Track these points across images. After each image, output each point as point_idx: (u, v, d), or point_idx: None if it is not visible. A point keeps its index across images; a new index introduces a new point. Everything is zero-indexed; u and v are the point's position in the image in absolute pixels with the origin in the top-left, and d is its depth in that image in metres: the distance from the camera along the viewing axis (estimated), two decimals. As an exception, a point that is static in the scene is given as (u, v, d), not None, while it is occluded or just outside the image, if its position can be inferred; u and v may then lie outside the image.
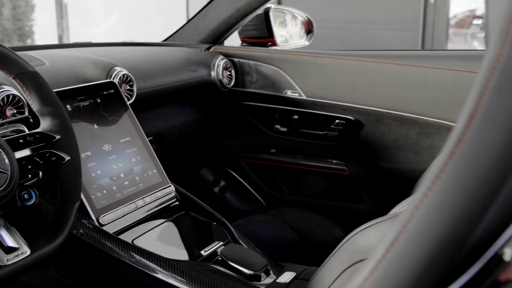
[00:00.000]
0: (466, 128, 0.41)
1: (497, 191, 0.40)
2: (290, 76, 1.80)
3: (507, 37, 0.41)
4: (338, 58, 1.75)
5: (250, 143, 1.97)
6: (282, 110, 1.83)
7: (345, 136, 1.76)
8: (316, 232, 1.71)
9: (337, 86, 1.74)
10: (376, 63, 1.68)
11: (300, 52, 1.85)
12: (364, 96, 1.70)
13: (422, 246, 0.40)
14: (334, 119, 1.76)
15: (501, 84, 0.41)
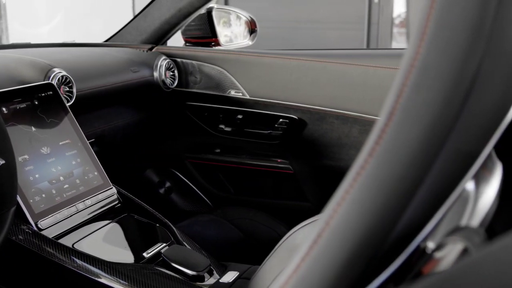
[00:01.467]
0: (385, 126, 0.42)
1: (417, 186, 0.41)
2: (234, 76, 1.80)
3: (424, 36, 0.42)
4: (281, 57, 1.76)
5: (195, 143, 1.96)
6: (226, 110, 1.83)
7: (289, 135, 1.78)
8: (261, 230, 1.72)
9: (280, 85, 1.75)
10: (318, 62, 1.70)
11: (243, 52, 1.85)
12: (306, 95, 1.72)
13: (344, 243, 0.40)
14: (278, 118, 1.77)
15: (419, 81, 0.42)
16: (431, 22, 0.42)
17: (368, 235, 0.40)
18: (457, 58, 0.41)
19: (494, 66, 0.43)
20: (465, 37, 0.42)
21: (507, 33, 0.44)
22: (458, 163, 0.44)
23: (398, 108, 0.42)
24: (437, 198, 0.43)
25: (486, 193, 0.52)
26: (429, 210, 0.43)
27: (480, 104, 0.43)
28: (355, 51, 1.85)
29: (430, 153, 0.41)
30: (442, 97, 0.41)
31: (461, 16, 0.42)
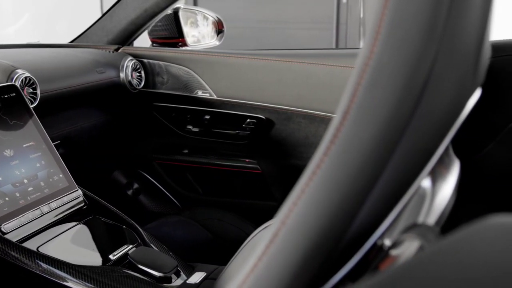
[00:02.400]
0: (340, 125, 0.42)
1: (372, 184, 0.42)
2: (201, 76, 1.79)
3: (378, 35, 0.43)
4: (248, 57, 1.76)
5: (162, 144, 1.96)
6: (194, 110, 1.83)
7: (256, 135, 1.78)
8: (229, 231, 1.72)
9: (247, 85, 1.75)
10: (284, 62, 1.71)
11: (209, 52, 1.85)
12: (273, 95, 1.72)
13: (300, 241, 0.41)
14: (245, 118, 1.77)
15: (373, 80, 0.42)
16: (384, 22, 0.43)
17: (324, 234, 0.40)
18: (411, 57, 0.42)
19: (447, 65, 0.44)
20: (418, 36, 0.42)
21: (460, 32, 0.45)
22: (413, 161, 0.44)
23: (353, 107, 0.42)
24: (393, 196, 0.44)
25: (442, 190, 0.53)
26: (385, 208, 0.43)
27: (434, 102, 0.44)
28: (322, 51, 1.87)
29: (385, 151, 0.41)
30: (396, 96, 0.41)
31: (414, 15, 0.42)
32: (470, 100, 0.51)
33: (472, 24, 0.46)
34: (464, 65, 0.47)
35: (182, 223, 1.73)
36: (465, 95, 0.49)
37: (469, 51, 0.47)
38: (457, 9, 0.44)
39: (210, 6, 6.55)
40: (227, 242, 1.67)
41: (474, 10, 0.46)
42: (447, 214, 0.53)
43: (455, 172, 0.57)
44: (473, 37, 0.47)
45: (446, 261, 0.34)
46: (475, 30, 0.47)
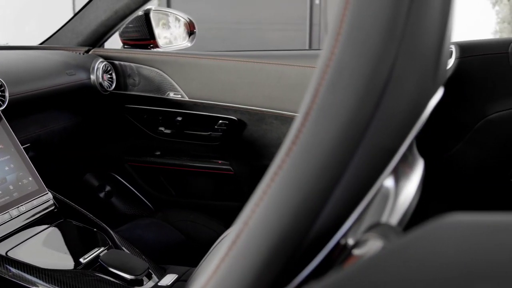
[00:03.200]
0: (302, 125, 0.42)
1: (334, 184, 0.42)
2: (172, 78, 1.79)
3: (339, 36, 0.43)
4: (219, 59, 1.76)
5: (135, 146, 1.95)
6: (166, 112, 1.82)
7: (228, 136, 1.78)
8: (202, 232, 1.72)
9: (218, 86, 1.75)
10: (256, 63, 1.71)
11: (181, 53, 1.85)
12: (245, 96, 1.73)
13: (263, 242, 0.41)
14: (217, 120, 1.77)
15: (334, 81, 0.43)
16: (345, 23, 0.43)
17: (286, 234, 0.41)
18: (371, 58, 0.42)
19: (408, 65, 0.45)
20: (378, 37, 0.43)
21: (420, 33, 0.46)
22: (375, 161, 0.45)
23: (314, 108, 0.42)
24: (355, 195, 0.44)
25: (406, 189, 0.54)
26: (348, 207, 0.44)
27: (395, 102, 0.44)
28: (294, 52, 1.88)
29: (346, 151, 0.42)
30: (357, 97, 0.42)
31: (374, 16, 0.43)
32: (432, 101, 0.52)
33: (432, 25, 0.47)
34: (424, 66, 0.47)
35: (155, 225, 1.72)
36: (426, 95, 0.49)
37: (429, 52, 0.47)
38: (417, 10, 0.44)
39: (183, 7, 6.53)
40: (200, 244, 1.67)
41: (433, 11, 0.47)
42: (411, 212, 0.54)
43: (419, 171, 0.58)
44: (433, 38, 0.48)
45: (402, 260, 0.35)
46: (435, 31, 0.48)
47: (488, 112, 1.67)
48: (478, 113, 1.68)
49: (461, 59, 1.65)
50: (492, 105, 1.66)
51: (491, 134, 1.69)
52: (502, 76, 1.64)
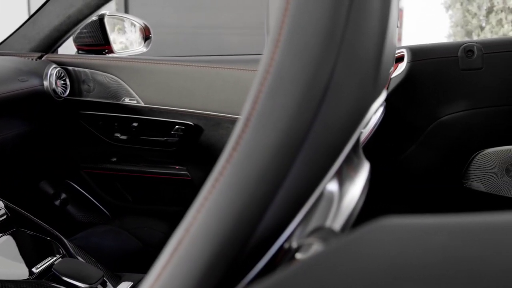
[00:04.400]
0: (242, 132, 0.43)
1: (275, 190, 0.43)
2: (127, 84, 1.78)
3: (279, 43, 0.44)
4: (175, 64, 1.76)
5: (90, 153, 1.92)
6: (121, 118, 1.81)
7: (185, 141, 1.77)
8: (160, 239, 1.71)
9: (174, 92, 1.74)
10: (212, 68, 1.71)
11: (136, 59, 1.83)
12: (202, 101, 1.72)
13: (204, 248, 0.41)
14: (174, 125, 1.77)
15: (274, 87, 0.43)
16: (284, 30, 0.43)
17: (228, 240, 0.41)
18: (311, 64, 0.43)
19: (348, 71, 0.46)
20: (318, 43, 0.43)
21: (359, 39, 0.47)
22: (317, 165, 0.45)
23: (254, 114, 0.43)
24: (298, 200, 0.45)
25: (350, 192, 0.54)
26: (290, 211, 0.44)
27: (335, 108, 0.45)
28: (249, 56, 1.88)
29: (286, 157, 0.42)
30: (296, 103, 0.42)
31: (313, 23, 0.43)
32: (373, 105, 0.53)
33: (371, 31, 0.48)
34: (364, 71, 0.48)
35: (111, 232, 1.70)
36: (367, 100, 0.50)
37: (369, 58, 0.48)
38: (355, 17, 0.45)
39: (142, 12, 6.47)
40: (157, 250, 1.65)
41: (372, 17, 0.48)
42: (356, 215, 0.55)
43: (364, 175, 0.58)
44: (372, 44, 0.48)
45: (336, 262, 0.35)
46: (374, 37, 0.49)
47: (440, 114, 1.70)
48: (430, 115, 1.71)
49: (412, 63, 1.68)
50: (444, 107, 1.70)
51: (443, 136, 1.72)
52: (452, 79, 1.68)
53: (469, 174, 1.74)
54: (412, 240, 0.36)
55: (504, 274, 0.31)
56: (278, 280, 0.36)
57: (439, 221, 0.38)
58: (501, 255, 0.33)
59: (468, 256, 0.33)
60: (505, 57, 1.65)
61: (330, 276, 0.34)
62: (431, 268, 0.32)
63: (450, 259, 0.33)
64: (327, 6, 0.43)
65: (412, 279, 0.32)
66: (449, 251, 0.34)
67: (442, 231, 0.36)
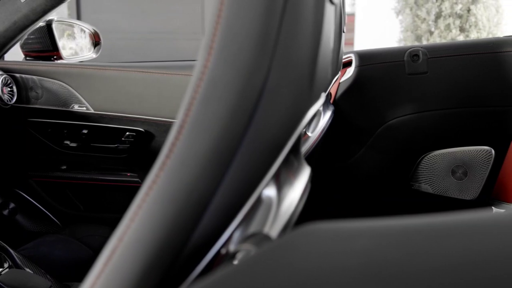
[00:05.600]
0: (176, 139, 0.43)
1: (209, 197, 0.43)
2: (76, 90, 1.75)
3: (212, 50, 0.44)
4: (125, 70, 1.74)
5: (39, 161, 1.89)
6: (70, 125, 1.78)
7: (136, 148, 1.76)
8: (111, 247, 1.69)
9: (125, 98, 1.73)
10: (163, 74, 1.71)
11: (85, 65, 1.81)
12: (153, 107, 1.71)
13: (138, 257, 0.41)
14: (124, 132, 1.75)
15: (207, 94, 0.43)
16: (217, 37, 0.44)
17: (161, 248, 0.41)
18: (243, 71, 0.43)
19: (282, 77, 0.46)
20: (250, 50, 0.44)
21: (293, 47, 0.47)
22: (252, 171, 0.46)
23: (188, 122, 0.43)
24: (233, 206, 0.45)
25: (289, 197, 0.55)
26: (226, 217, 0.45)
27: (270, 113, 0.46)
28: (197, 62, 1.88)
29: (220, 164, 0.43)
30: (229, 110, 0.43)
31: (245, 29, 0.44)
32: (310, 110, 0.54)
33: (305, 38, 0.49)
34: (299, 78, 0.49)
35: (62, 241, 1.67)
36: (303, 105, 0.51)
37: (303, 64, 0.49)
38: (288, 24, 0.46)
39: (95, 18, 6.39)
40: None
41: (305, 24, 0.49)
42: (295, 219, 0.55)
43: (303, 179, 0.59)
44: (306, 50, 0.49)
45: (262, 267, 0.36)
46: (308, 43, 0.49)
47: (387, 118, 1.73)
48: (378, 119, 1.74)
49: (360, 68, 1.71)
50: (391, 111, 1.73)
51: (391, 139, 1.76)
52: (399, 83, 1.72)
53: (417, 176, 1.78)
54: (335, 244, 0.37)
55: (422, 275, 0.32)
56: (211, 282, 0.36)
57: (362, 225, 0.38)
58: (420, 257, 0.34)
59: (389, 258, 0.34)
60: (449, 61, 1.70)
61: (252, 282, 0.34)
62: (352, 272, 0.33)
63: (371, 262, 0.34)
64: (260, 13, 0.44)
65: (332, 283, 0.32)
66: (371, 254, 0.34)
67: (364, 235, 0.37)
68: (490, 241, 0.35)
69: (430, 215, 0.39)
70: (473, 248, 0.35)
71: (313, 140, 1.25)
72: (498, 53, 1.69)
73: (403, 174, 1.79)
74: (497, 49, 1.69)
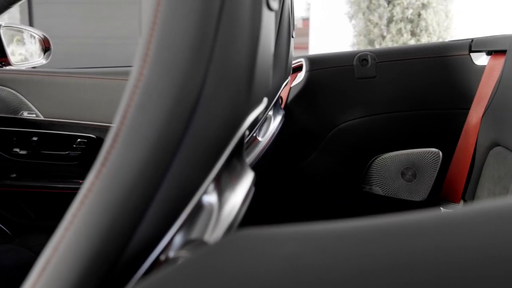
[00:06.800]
0: (111, 147, 0.43)
1: (146, 205, 0.43)
2: (25, 97, 1.72)
3: (147, 57, 0.44)
4: (75, 76, 1.72)
5: (-13, 169, 1.85)
6: (20, 132, 1.75)
7: (88, 154, 1.74)
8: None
9: (76, 104, 1.71)
10: (114, 80, 1.69)
11: (35, 71, 1.78)
12: (104, 114, 1.70)
13: (73, 267, 0.41)
14: (76, 138, 1.73)
15: (143, 102, 0.43)
16: (153, 44, 0.44)
17: (97, 256, 0.41)
18: (179, 78, 0.44)
19: (219, 85, 0.47)
20: (186, 57, 0.44)
21: (230, 54, 0.48)
22: (190, 178, 0.46)
23: (123, 129, 0.43)
24: (171, 213, 0.45)
25: (231, 201, 0.56)
26: (164, 224, 0.45)
27: (206, 121, 0.46)
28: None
29: (156, 171, 0.43)
30: (165, 117, 0.43)
31: (180, 36, 0.44)
32: (250, 115, 0.55)
33: (242, 44, 0.49)
34: (236, 85, 0.49)
35: (11, 251, 1.64)
36: (242, 111, 0.52)
37: (240, 70, 0.50)
38: (224, 31, 0.46)
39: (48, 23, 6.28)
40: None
41: (242, 31, 0.49)
42: (238, 223, 0.56)
43: (246, 183, 0.60)
44: (243, 57, 0.50)
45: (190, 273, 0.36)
46: (245, 50, 0.50)
47: (338, 121, 1.76)
48: (329, 122, 1.77)
49: (311, 72, 1.73)
50: (342, 115, 1.76)
51: (342, 143, 1.78)
52: (349, 88, 1.75)
53: (368, 179, 1.81)
54: (264, 249, 0.37)
55: (345, 280, 0.33)
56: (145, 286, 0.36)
57: (293, 230, 0.39)
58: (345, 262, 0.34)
59: (314, 263, 0.35)
60: (397, 65, 1.73)
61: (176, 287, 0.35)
62: (276, 277, 0.34)
63: (295, 267, 0.34)
64: (195, 20, 0.44)
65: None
66: (296, 259, 0.35)
67: (293, 240, 0.38)
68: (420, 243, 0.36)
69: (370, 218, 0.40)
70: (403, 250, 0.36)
71: (263, 144, 1.26)
72: (444, 57, 1.73)
73: (354, 176, 1.81)
74: (443, 53, 1.74)
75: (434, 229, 0.37)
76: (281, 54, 1.21)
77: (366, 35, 8.21)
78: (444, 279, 0.32)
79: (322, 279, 0.33)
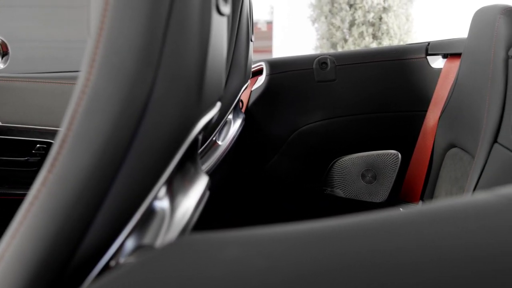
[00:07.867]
0: (58, 154, 0.43)
1: (93, 211, 0.43)
2: None
3: (94, 63, 0.44)
4: (33, 81, 1.70)
5: None
6: (-23, 138, 1.72)
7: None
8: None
9: (35, 109, 1.69)
10: (73, 85, 1.67)
11: (-9, 77, 1.75)
12: (63, 119, 1.68)
13: (19, 275, 0.40)
14: (35, 144, 1.70)
15: (90, 107, 0.43)
16: (100, 49, 0.44)
17: (44, 264, 0.40)
18: (127, 84, 0.44)
19: (168, 89, 0.47)
20: (134, 62, 0.44)
21: (179, 59, 0.48)
22: (139, 183, 0.46)
23: (70, 135, 0.43)
24: (120, 219, 0.45)
25: (184, 205, 0.56)
26: (113, 230, 0.45)
27: (157, 125, 0.46)
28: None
29: (103, 177, 0.43)
30: (112, 122, 0.43)
31: (128, 42, 0.44)
32: (202, 120, 0.55)
33: (191, 49, 0.49)
34: (186, 90, 0.49)
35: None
36: (192, 116, 0.52)
37: (190, 75, 0.50)
38: (173, 36, 0.46)
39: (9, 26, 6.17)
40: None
41: (191, 36, 0.49)
42: (191, 227, 0.56)
43: (200, 186, 0.60)
44: (193, 62, 0.50)
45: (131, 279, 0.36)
46: (195, 55, 0.50)
47: (299, 124, 1.78)
48: (290, 125, 1.78)
49: (271, 76, 1.75)
50: (303, 117, 1.77)
51: (304, 145, 1.80)
52: (309, 91, 1.76)
53: (329, 181, 1.83)
54: (207, 254, 0.38)
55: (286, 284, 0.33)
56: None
57: (237, 234, 0.40)
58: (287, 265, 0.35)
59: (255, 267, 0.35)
60: (356, 68, 1.76)
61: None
62: (217, 281, 0.34)
63: (236, 271, 0.35)
64: (143, 25, 0.44)
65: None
66: (238, 264, 0.36)
67: (237, 244, 0.38)
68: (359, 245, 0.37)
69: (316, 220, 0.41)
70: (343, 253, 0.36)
71: (223, 148, 1.27)
72: (401, 60, 1.76)
73: (315, 179, 1.83)
74: (401, 56, 1.77)
75: (375, 230, 0.38)
76: (240, 58, 1.22)
77: (329, 38, 8.28)
78: (378, 281, 0.32)
79: (263, 282, 0.33)
